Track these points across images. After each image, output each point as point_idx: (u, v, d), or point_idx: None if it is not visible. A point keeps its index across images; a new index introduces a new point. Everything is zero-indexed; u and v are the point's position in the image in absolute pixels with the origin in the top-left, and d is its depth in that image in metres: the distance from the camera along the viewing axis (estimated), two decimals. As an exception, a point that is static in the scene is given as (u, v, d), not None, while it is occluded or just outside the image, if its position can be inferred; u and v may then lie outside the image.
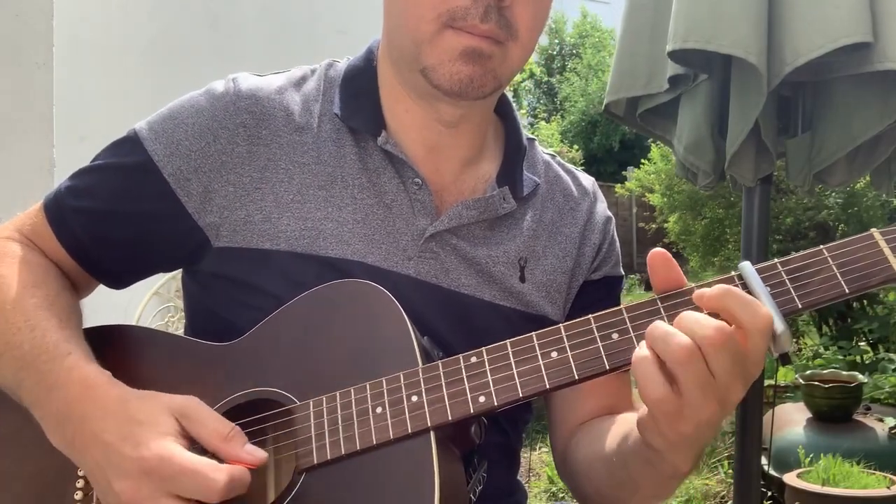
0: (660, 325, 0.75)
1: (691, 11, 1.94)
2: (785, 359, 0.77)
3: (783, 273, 0.79)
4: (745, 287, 0.79)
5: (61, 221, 1.02)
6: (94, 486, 0.86)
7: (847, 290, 0.77)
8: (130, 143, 1.02)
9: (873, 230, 0.79)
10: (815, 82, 2.15)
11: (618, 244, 1.19)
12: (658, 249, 0.80)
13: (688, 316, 0.74)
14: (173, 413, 0.83)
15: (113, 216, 1.00)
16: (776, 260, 0.80)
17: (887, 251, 0.77)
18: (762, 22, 1.90)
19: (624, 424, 0.96)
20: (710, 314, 0.75)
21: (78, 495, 0.90)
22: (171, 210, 0.99)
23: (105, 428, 0.83)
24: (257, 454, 0.83)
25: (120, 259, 1.03)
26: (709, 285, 0.79)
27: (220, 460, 0.81)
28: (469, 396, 0.81)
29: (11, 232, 1.04)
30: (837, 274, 0.78)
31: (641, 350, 0.75)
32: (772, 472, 3.55)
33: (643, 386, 0.75)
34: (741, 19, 1.89)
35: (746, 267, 0.79)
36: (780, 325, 0.76)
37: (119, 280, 1.07)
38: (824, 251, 0.79)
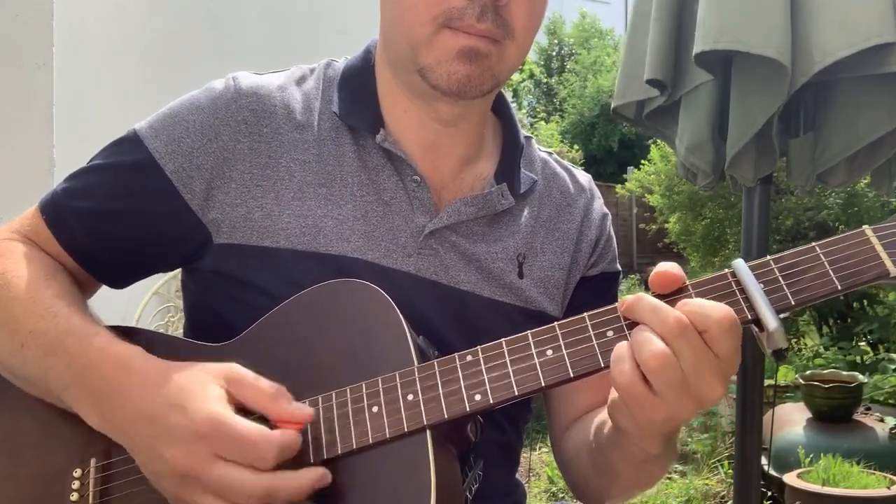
0: (639, 331, 0.76)
1: (720, 13, 1.93)
2: (779, 355, 0.77)
3: (776, 270, 0.79)
4: (739, 284, 0.79)
5: (60, 223, 1.01)
6: (139, 461, 0.84)
7: (839, 287, 0.78)
8: (130, 142, 1.01)
9: (865, 227, 0.79)
10: (818, 82, 2.14)
11: (615, 240, 1.20)
12: (658, 270, 0.81)
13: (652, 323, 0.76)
14: (217, 379, 0.82)
15: (113, 216, 1.00)
16: (769, 257, 0.80)
17: (879, 248, 0.77)
18: (788, 22, 1.89)
19: (605, 412, 0.97)
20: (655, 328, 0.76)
21: (74, 496, 0.90)
22: (174, 208, 0.99)
23: (148, 399, 0.82)
24: (305, 410, 0.82)
25: (120, 259, 1.03)
26: (703, 284, 0.80)
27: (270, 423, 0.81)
28: (465, 395, 0.82)
29: (11, 234, 1.03)
30: (830, 271, 0.78)
31: (620, 348, 0.77)
32: (772, 472, 3.55)
33: (616, 384, 0.77)
34: (770, 20, 1.88)
35: (739, 264, 0.79)
36: (772, 322, 0.76)
37: (119, 280, 1.07)
38: (817, 248, 0.79)
